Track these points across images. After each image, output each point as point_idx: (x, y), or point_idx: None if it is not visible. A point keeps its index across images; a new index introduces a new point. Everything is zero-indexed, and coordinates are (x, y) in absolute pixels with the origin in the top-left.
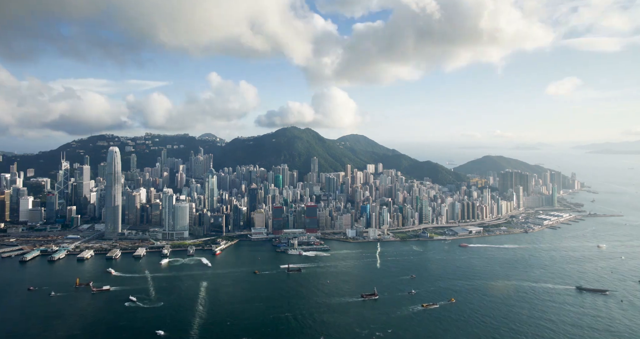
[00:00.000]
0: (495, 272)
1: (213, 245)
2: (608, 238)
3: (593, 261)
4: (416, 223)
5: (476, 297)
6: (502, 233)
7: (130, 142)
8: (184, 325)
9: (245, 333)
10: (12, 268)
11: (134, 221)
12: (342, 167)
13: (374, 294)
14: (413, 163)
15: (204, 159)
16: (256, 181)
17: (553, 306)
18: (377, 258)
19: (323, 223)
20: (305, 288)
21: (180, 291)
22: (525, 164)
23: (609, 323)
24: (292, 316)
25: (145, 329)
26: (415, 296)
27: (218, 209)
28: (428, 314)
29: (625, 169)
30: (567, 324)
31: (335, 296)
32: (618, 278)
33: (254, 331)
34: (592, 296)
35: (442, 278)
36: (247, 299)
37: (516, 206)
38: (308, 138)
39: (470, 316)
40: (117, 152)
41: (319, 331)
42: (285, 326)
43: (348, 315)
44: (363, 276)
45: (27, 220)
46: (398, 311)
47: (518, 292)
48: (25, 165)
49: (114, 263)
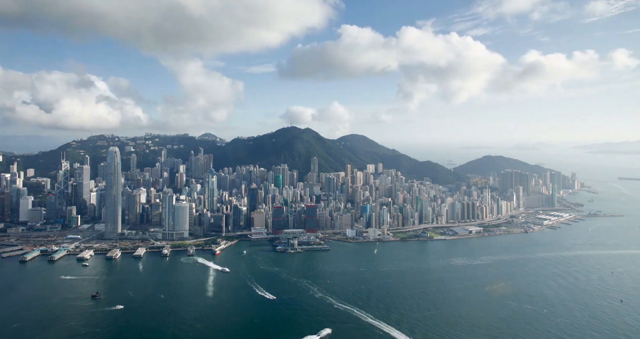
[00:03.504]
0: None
1: (213, 245)
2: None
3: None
4: (416, 223)
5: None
6: (502, 233)
7: (130, 142)
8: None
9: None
10: (12, 268)
11: (134, 221)
12: (342, 167)
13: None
14: (413, 163)
15: (204, 159)
16: (256, 181)
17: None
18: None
19: (323, 223)
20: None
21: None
22: (525, 164)
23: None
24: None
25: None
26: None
27: (218, 209)
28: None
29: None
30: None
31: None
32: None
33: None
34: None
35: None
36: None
37: (516, 206)
38: (308, 138)
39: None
40: (117, 152)
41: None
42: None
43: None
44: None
45: (27, 220)
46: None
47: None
48: (25, 165)
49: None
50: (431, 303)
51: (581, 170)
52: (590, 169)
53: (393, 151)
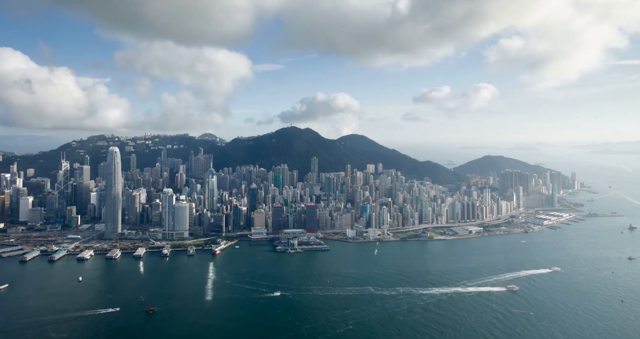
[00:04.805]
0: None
1: (213, 245)
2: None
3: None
4: (416, 223)
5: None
6: (502, 233)
7: (130, 142)
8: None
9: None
10: (12, 268)
11: (134, 221)
12: (342, 167)
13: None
14: (413, 163)
15: (204, 159)
16: (256, 182)
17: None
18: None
19: (323, 223)
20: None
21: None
22: (525, 164)
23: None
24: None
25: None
26: None
27: (218, 209)
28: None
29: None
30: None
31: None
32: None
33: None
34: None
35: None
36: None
37: (516, 206)
38: (308, 138)
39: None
40: (117, 152)
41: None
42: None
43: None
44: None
45: (27, 220)
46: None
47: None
48: (25, 165)
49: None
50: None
51: (581, 170)
52: (590, 169)
53: (393, 151)
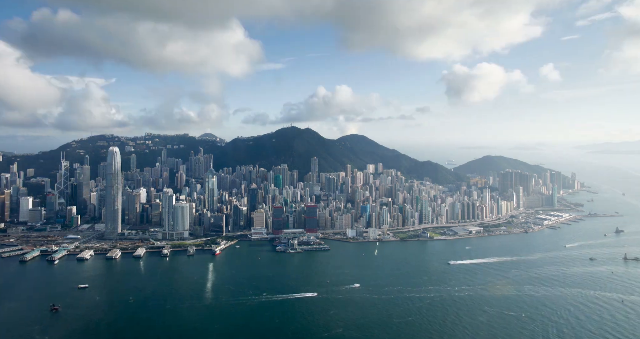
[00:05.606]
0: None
1: (213, 245)
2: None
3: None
4: (416, 223)
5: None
6: (502, 233)
7: (130, 142)
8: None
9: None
10: (12, 268)
11: (134, 221)
12: (342, 167)
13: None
14: (413, 163)
15: (204, 159)
16: (256, 182)
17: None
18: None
19: (323, 223)
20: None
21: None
22: (525, 164)
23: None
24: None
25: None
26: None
27: (218, 209)
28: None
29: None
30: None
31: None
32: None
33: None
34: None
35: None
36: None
37: (516, 206)
38: (308, 138)
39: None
40: (117, 152)
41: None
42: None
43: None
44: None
45: (27, 220)
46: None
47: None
48: (25, 165)
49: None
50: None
51: (581, 170)
52: (589, 169)
53: (393, 151)
